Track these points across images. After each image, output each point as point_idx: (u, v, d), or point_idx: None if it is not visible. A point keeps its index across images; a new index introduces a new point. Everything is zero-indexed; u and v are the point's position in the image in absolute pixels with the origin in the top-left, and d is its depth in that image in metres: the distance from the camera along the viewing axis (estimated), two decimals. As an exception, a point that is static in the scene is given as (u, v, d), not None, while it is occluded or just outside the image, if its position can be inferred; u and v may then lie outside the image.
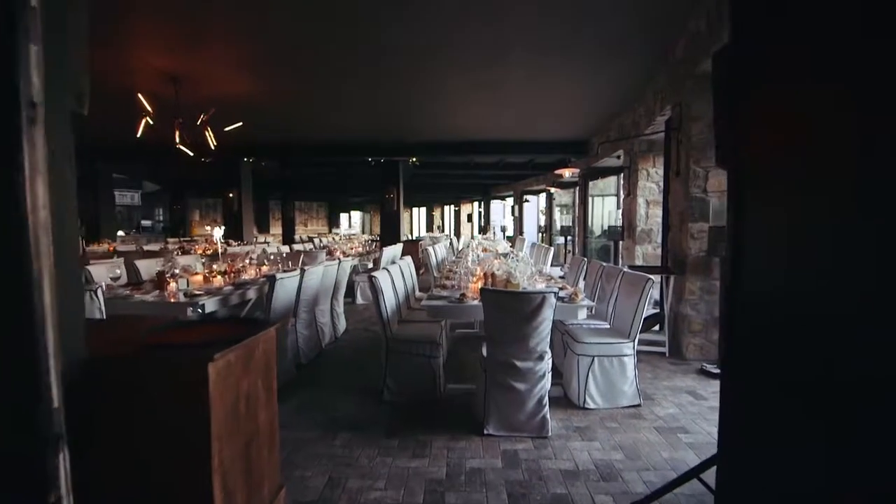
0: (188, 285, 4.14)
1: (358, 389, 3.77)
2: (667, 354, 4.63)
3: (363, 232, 26.95)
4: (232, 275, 4.89)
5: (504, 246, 9.39)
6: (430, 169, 14.84)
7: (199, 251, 8.70)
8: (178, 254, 8.27)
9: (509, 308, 2.84)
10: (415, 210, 30.28)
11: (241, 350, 1.67)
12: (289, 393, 3.67)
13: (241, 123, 6.84)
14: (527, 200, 16.70)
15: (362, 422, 3.18)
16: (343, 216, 29.09)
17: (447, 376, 3.70)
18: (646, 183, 7.21)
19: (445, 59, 5.48)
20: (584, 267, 5.06)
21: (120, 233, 16.78)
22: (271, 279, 3.67)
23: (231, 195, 11.81)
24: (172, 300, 3.61)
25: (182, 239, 14.52)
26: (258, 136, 10.05)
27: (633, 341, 3.38)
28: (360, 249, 9.14)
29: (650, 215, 7.23)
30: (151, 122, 6.35)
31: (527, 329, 2.84)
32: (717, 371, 4.06)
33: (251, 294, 4.26)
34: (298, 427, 3.11)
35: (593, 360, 3.33)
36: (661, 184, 7.13)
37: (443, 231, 26.38)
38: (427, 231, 27.29)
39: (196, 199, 21.83)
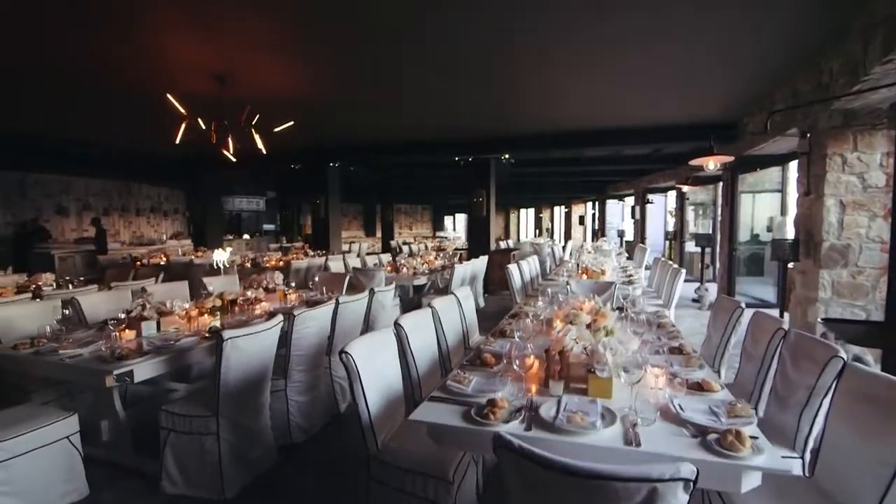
0: (158, 330, 3.16)
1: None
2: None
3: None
4: (246, 309, 3.89)
5: (614, 262, 7.31)
6: (533, 167, 13.03)
7: (271, 264, 8.17)
8: (244, 267, 7.82)
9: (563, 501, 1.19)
10: (521, 212, 28.33)
11: None
12: (239, 513, 2.44)
13: (291, 123, 5.96)
14: (650, 202, 13.93)
15: None
16: (447, 219, 28.36)
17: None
18: (840, 175, 4.72)
19: (536, 18, 3.82)
20: (741, 319, 3.04)
21: (245, 236, 18.15)
22: (218, 339, 2.44)
23: (318, 202, 11.42)
24: (106, 362, 2.58)
25: (283, 245, 14.85)
26: (340, 139, 9.35)
27: (885, 546, 1.47)
28: (437, 263, 7.79)
29: (847, 224, 4.74)
30: (204, 127, 5.80)
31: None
32: None
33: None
34: None
35: (777, 575, 1.50)
36: (873, 176, 4.63)
37: (551, 235, 24.07)
38: (535, 235, 25.18)
39: (308, 204, 22.76)
